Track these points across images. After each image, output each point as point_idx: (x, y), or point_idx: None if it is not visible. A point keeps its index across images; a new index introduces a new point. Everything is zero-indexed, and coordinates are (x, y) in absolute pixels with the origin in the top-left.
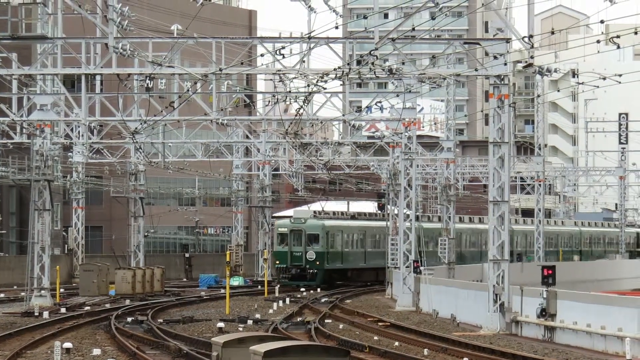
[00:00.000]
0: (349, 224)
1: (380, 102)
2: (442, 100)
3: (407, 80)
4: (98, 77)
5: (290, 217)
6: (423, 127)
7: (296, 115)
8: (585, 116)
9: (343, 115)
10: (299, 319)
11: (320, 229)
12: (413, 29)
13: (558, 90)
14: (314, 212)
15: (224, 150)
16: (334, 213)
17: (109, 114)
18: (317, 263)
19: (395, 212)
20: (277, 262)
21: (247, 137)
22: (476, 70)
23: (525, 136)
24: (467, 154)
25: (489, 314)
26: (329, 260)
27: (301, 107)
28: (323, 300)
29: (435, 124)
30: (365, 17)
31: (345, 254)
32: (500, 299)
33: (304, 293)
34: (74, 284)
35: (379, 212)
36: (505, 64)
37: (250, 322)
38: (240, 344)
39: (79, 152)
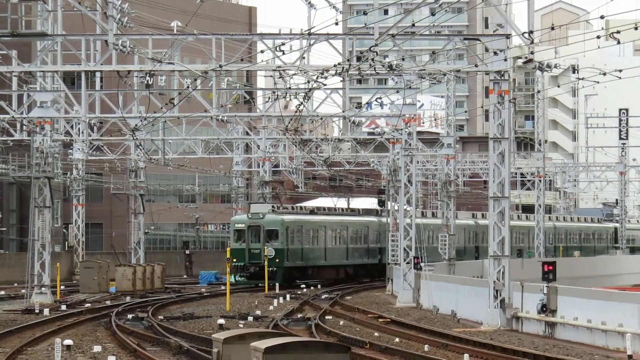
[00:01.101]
0: (309, 219)
1: (380, 98)
2: (442, 96)
3: (407, 76)
4: (98, 74)
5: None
6: (423, 123)
7: (296, 112)
8: (586, 112)
9: (343, 111)
10: (299, 315)
11: (279, 224)
12: (413, 25)
13: (558, 86)
14: (272, 206)
15: (224, 147)
16: (292, 208)
17: (109, 110)
18: (277, 260)
19: (396, 208)
20: (235, 260)
21: (247, 133)
22: (476, 66)
23: (525, 132)
24: (467, 150)
25: (489, 310)
26: (289, 257)
27: (301, 103)
28: (323, 296)
29: (435, 120)
30: (365, 14)
31: (306, 250)
32: (500, 295)
33: (304, 290)
34: (74, 281)
35: (339, 206)
36: (505, 60)
37: (250, 318)
38: (240, 341)
39: (79, 149)
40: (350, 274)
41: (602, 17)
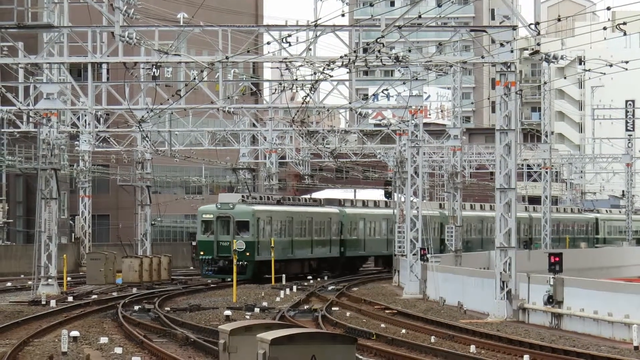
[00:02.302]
0: (278, 209)
1: (386, 89)
2: (448, 88)
3: (414, 67)
4: (104, 66)
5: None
6: (429, 114)
7: (303, 103)
8: (592, 103)
9: (349, 103)
10: (306, 306)
11: (250, 215)
12: (419, 17)
13: (564, 78)
14: (242, 196)
15: (231, 139)
16: (260, 198)
17: (116, 102)
18: (247, 254)
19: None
20: (202, 253)
21: (254, 125)
22: (483, 57)
23: (531, 123)
24: (474, 142)
25: (496, 302)
26: (259, 251)
27: (308, 95)
28: (330, 288)
29: (441, 111)
30: (371, 5)
31: (275, 243)
32: (507, 287)
33: (311, 281)
34: (81, 273)
35: (304, 197)
36: (512, 52)
37: (257, 310)
38: (247, 332)
39: (85, 140)
40: (314, 268)
41: (608, 8)
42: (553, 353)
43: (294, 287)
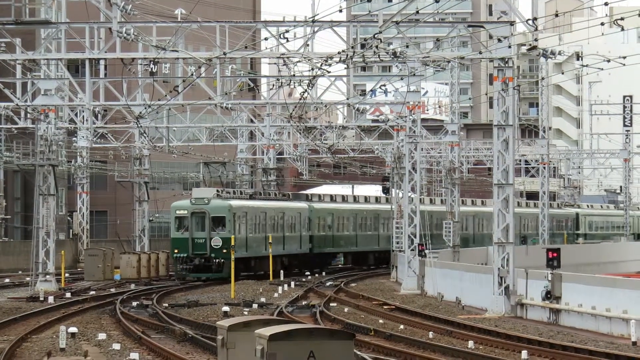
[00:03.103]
0: (253, 204)
1: (384, 85)
2: (446, 84)
3: (411, 63)
4: (102, 62)
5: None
6: (427, 110)
7: (300, 99)
8: (590, 99)
9: (347, 98)
10: (304, 302)
11: (226, 210)
12: (417, 12)
13: (562, 73)
14: (217, 190)
15: (228, 135)
16: (234, 192)
17: (113, 98)
18: (224, 251)
19: (401, 195)
20: (176, 251)
21: (252, 121)
22: (480, 53)
23: (529, 119)
24: (472, 137)
25: (494, 297)
26: (236, 247)
27: (305, 90)
28: (328, 283)
29: (439, 107)
30: (369, 1)
31: (250, 240)
32: (505, 282)
33: (309, 277)
34: (79, 269)
35: (274, 191)
36: (510, 47)
37: (255, 306)
38: (245, 328)
39: (83, 136)
40: (286, 265)
41: (606, 4)
42: (551, 348)
43: (292, 283)
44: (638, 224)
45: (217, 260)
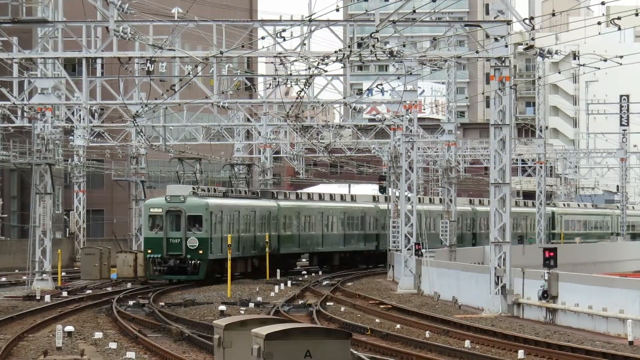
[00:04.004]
0: (228, 203)
1: (381, 84)
2: (443, 83)
3: (408, 62)
4: (99, 61)
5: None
6: (424, 109)
7: (297, 98)
8: (586, 98)
9: (344, 98)
10: (300, 301)
11: (203, 209)
12: (414, 12)
13: (559, 72)
14: (193, 187)
15: (225, 134)
16: (208, 190)
17: (110, 97)
18: (201, 252)
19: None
20: (149, 251)
21: (248, 120)
22: (477, 52)
23: (526, 118)
24: (468, 137)
25: (490, 297)
26: (212, 248)
27: (302, 90)
28: (324, 283)
29: (436, 106)
30: (365, 0)
31: (225, 239)
32: (501, 281)
33: (306, 276)
34: (75, 268)
35: (245, 189)
36: (506, 46)
37: (252, 305)
38: (242, 327)
39: (80, 135)
40: (256, 267)
41: (602, 3)
42: (548, 348)
43: (289, 282)
44: (617, 223)
45: (192, 262)
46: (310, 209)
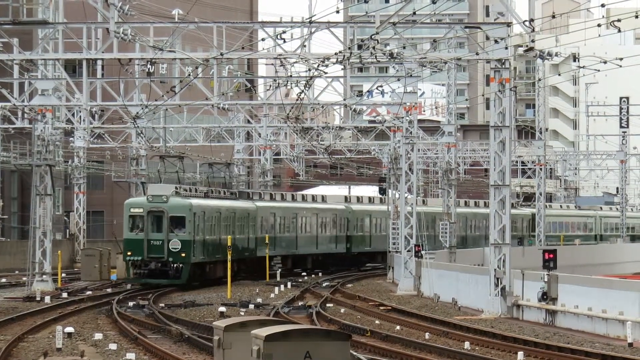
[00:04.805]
0: (209, 203)
1: (381, 86)
2: (443, 85)
3: (408, 64)
4: (99, 62)
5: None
6: (424, 111)
7: (297, 100)
8: (586, 100)
9: (344, 99)
10: (300, 303)
11: (187, 209)
12: (414, 13)
13: (559, 74)
14: (176, 187)
15: (225, 135)
16: (190, 190)
17: (110, 98)
18: (183, 255)
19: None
20: (129, 253)
21: (248, 121)
22: (477, 54)
23: (526, 120)
24: (468, 138)
25: (490, 298)
26: (195, 251)
27: (302, 91)
28: (324, 284)
29: (436, 108)
30: (366, 2)
31: (208, 242)
32: (501, 283)
33: (306, 277)
34: (75, 269)
35: (223, 189)
36: (506, 48)
37: (251, 306)
38: (242, 328)
39: (80, 137)
40: (235, 271)
41: (602, 5)
42: (547, 350)
43: (289, 284)
44: (601, 225)
45: (175, 265)
46: (286, 210)
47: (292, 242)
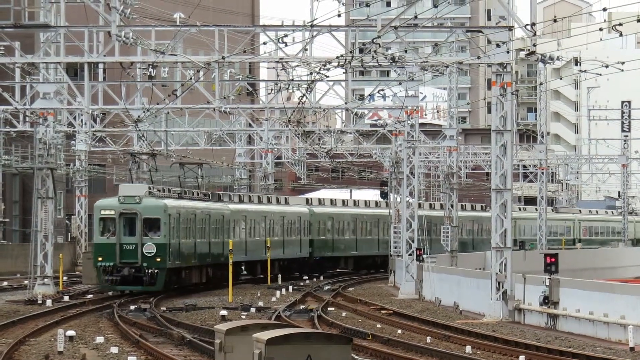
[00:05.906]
0: (185, 204)
1: (382, 90)
2: (444, 88)
3: (410, 68)
4: (101, 66)
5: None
6: (426, 115)
7: (299, 104)
8: (588, 104)
9: (346, 103)
10: (301, 306)
11: (161, 211)
12: (415, 17)
13: (560, 78)
14: (149, 187)
15: (227, 139)
16: (163, 190)
17: (112, 102)
18: (158, 260)
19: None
20: (100, 258)
21: (250, 125)
22: (479, 58)
23: (527, 124)
24: (470, 142)
25: (491, 302)
26: (171, 255)
27: (304, 95)
28: (326, 288)
29: (437, 112)
30: (367, 5)
31: (183, 246)
32: (502, 287)
33: (307, 281)
34: (77, 272)
35: (197, 190)
36: (508, 52)
37: (253, 310)
38: (243, 332)
39: (81, 140)
40: (210, 276)
41: (604, 9)
42: (549, 354)
43: (290, 287)
44: (580, 229)
45: (149, 271)
46: (256, 213)
47: (261, 247)
